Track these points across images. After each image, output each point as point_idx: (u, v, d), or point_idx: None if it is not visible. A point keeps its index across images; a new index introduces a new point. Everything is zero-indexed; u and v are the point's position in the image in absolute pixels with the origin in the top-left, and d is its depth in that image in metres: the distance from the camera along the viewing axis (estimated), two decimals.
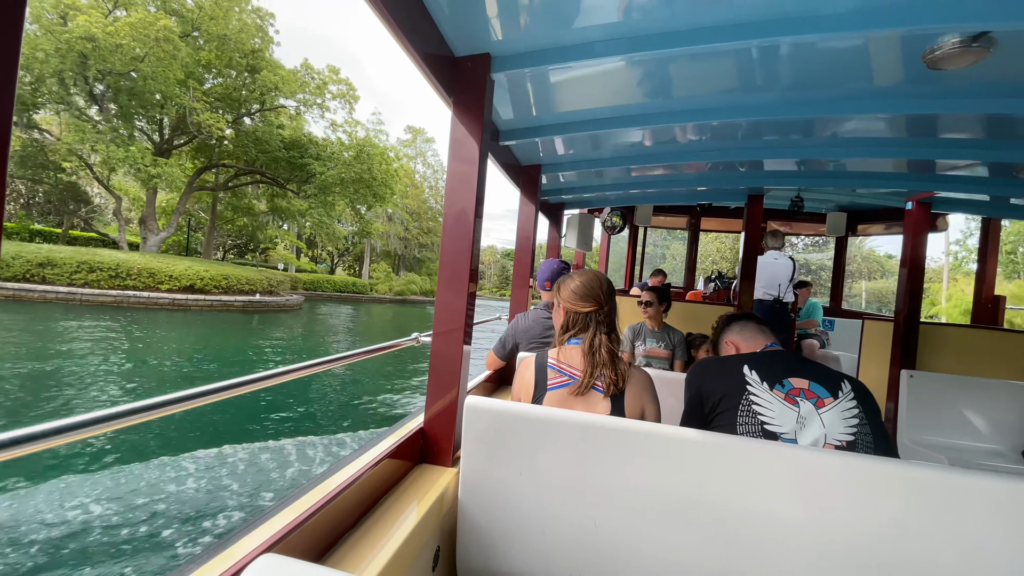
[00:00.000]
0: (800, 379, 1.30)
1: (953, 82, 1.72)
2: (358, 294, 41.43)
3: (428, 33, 1.47)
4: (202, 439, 6.77)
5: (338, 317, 26.11)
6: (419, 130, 59.95)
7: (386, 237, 51.67)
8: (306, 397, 9.43)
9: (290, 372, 1.30)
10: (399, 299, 45.47)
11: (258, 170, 29.39)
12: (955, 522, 1.00)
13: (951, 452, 2.98)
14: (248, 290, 23.46)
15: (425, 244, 57.00)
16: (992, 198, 3.39)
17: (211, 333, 15.66)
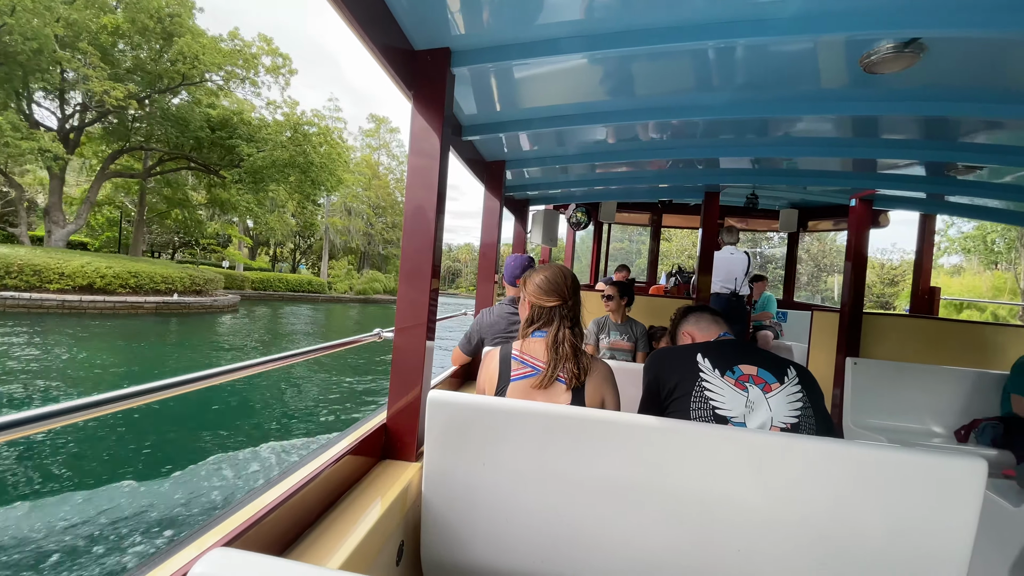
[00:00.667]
0: (749, 366, 1.36)
1: (890, 86, 1.83)
2: (314, 293, 38.90)
3: (386, 26, 1.45)
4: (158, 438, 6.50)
5: (273, 319, 23.62)
6: (383, 119, 56.98)
7: (347, 232, 48.79)
8: (263, 395, 9.18)
9: (247, 368, 1.27)
10: (360, 299, 42.77)
11: (186, 155, 25.96)
12: (894, 496, 1.08)
13: (892, 434, 3.18)
14: (164, 290, 20.66)
15: (391, 240, 54.08)
16: (928, 195, 3.62)
17: (79, 342, 12.46)
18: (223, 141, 25.59)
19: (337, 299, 40.35)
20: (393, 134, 56.87)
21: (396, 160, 57.38)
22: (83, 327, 14.85)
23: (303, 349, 1.56)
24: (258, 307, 28.32)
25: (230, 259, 37.79)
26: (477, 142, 2.88)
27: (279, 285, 36.49)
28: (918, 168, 2.96)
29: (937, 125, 2.25)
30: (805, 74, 1.83)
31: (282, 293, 36.13)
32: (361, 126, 57.81)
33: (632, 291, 3.63)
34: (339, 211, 47.65)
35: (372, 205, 52.23)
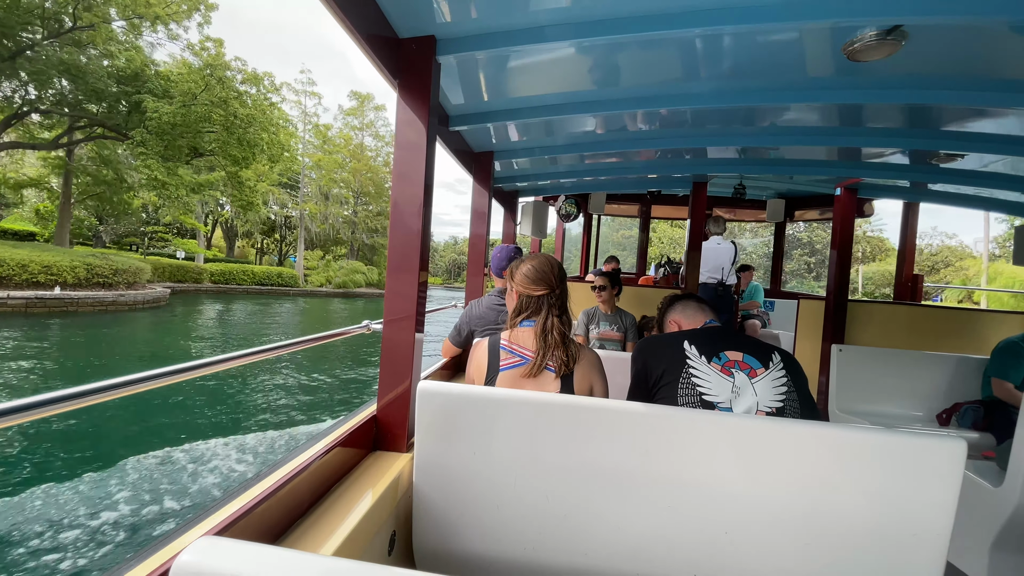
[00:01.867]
0: (735, 352, 1.38)
1: (874, 74, 1.85)
2: (285, 287, 34.92)
3: (370, 13, 1.43)
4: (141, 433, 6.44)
5: (208, 319, 19.61)
6: (366, 96, 50.58)
7: (324, 220, 44.14)
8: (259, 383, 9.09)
9: (236, 358, 1.26)
10: (339, 293, 38.02)
11: (97, 119, 21.09)
12: (876, 478, 1.10)
13: (875, 418, 3.24)
14: (44, 282, 16.61)
15: (377, 229, 48.96)
16: (912, 184, 3.67)
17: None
18: (131, 96, 20.76)
19: (311, 293, 36.41)
20: (379, 112, 51.39)
21: (383, 142, 51.68)
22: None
23: (292, 340, 1.55)
24: (204, 304, 24.62)
25: (183, 249, 33.25)
26: (465, 132, 2.86)
27: (243, 278, 32.99)
28: (902, 156, 3.00)
29: (920, 113, 2.27)
30: (791, 62, 1.83)
31: (246, 287, 32.70)
32: (341, 104, 53.12)
33: (621, 281, 3.65)
34: (317, 197, 43.79)
35: (355, 191, 47.96)
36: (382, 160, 49.88)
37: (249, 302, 27.38)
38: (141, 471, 5.34)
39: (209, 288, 30.89)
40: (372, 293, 40.34)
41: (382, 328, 1.68)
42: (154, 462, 5.59)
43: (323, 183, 43.60)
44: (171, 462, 5.64)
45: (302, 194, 42.54)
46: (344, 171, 45.79)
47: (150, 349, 13.00)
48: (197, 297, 27.92)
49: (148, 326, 16.58)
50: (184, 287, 28.66)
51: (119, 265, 19.79)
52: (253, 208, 29.30)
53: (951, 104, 2.01)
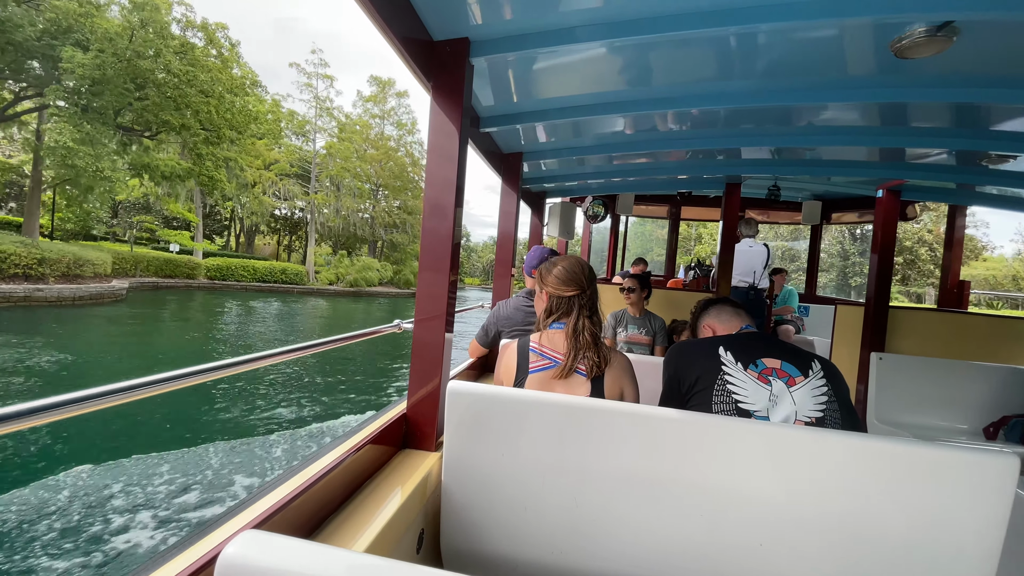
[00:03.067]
0: (773, 359, 1.34)
1: (920, 71, 1.77)
2: (289, 284, 32.54)
3: (405, 16, 1.45)
4: (174, 430, 6.68)
5: (165, 324, 16.65)
6: (387, 81, 47.01)
7: (335, 213, 40.81)
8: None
9: (268, 357, 1.30)
10: (349, 291, 35.30)
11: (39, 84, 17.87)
12: (922, 493, 1.05)
13: (917, 430, 3.11)
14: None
15: (397, 223, 45.81)
16: (958, 186, 3.51)
17: None
18: (55, 51, 17.33)
19: (319, 291, 33.80)
20: (401, 99, 47.91)
21: (405, 130, 47.49)
22: None
23: (325, 339, 1.58)
24: (171, 304, 21.52)
25: (176, 241, 30.55)
26: (494, 134, 2.87)
27: (243, 274, 30.75)
28: (948, 157, 2.87)
29: (969, 112, 2.17)
30: (831, 60, 1.78)
31: (245, 284, 30.32)
32: (360, 90, 48.29)
33: (651, 284, 3.60)
34: (328, 187, 40.46)
35: (373, 182, 44.43)
36: (404, 151, 47.12)
37: (237, 301, 24.76)
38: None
39: (203, 285, 28.76)
40: (387, 292, 38.10)
41: (412, 327, 1.70)
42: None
43: (334, 172, 40.24)
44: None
45: (313, 185, 40.22)
46: (359, 160, 42.61)
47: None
48: (188, 293, 25.77)
49: (71, 333, 13.27)
50: (171, 283, 26.73)
51: (50, 255, 17.25)
52: (218, 187, 25.63)
53: (1002, 103, 1.91)
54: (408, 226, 46.37)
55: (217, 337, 15.25)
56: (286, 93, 41.68)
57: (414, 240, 45.65)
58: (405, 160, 45.92)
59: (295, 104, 46.34)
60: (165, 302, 22.02)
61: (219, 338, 15.16)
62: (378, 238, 45.83)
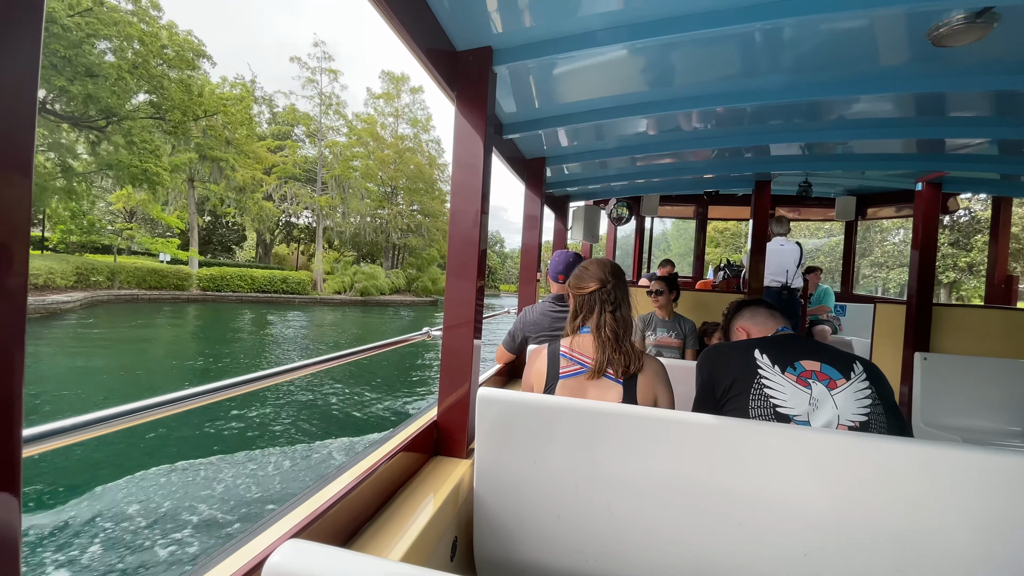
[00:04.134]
0: (812, 361, 1.30)
1: (959, 59, 1.70)
2: (290, 294, 30.42)
3: (429, 28, 1.48)
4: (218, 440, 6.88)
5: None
6: (402, 77, 44.14)
7: (342, 216, 38.12)
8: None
9: (300, 368, 1.32)
10: (357, 300, 33.48)
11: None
12: (969, 499, 1.01)
13: (966, 433, 2.96)
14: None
15: (412, 227, 43.16)
16: (1002, 176, 3.35)
17: None
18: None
19: (323, 301, 31.75)
20: (416, 95, 44.79)
21: (420, 127, 44.30)
22: None
23: (355, 349, 1.61)
24: (129, 320, 18.11)
25: (164, 251, 27.40)
26: (517, 140, 2.88)
27: (240, 284, 28.96)
28: (990, 147, 2.75)
29: (1011, 100, 2.08)
30: (863, 51, 1.72)
31: (242, 295, 28.49)
32: (369, 87, 45.85)
33: (679, 285, 3.54)
34: (334, 190, 37.53)
35: (386, 183, 41.48)
36: (420, 151, 44.34)
37: (241, 311, 23.03)
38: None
39: (193, 297, 26.77)
40: (401, 301, 35.93)
41: (441, 335, 1.72)
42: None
43: (338, 172, 37.29)
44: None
45: (319, 187, 37.45)
46: (368, 160, 39.94)
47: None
48: (170, 307, 23.67)
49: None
50: (154, 295, 24.85)
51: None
52: (152, 182, 22.40)
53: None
54: (424, 230, 44.19)
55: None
56: (288, 90, 38.26)
57: (431, 244, 44.13)
58: (420, 159, 43.46)
59: (299, 103, 42.02)
60: (111, 317, 18.67)
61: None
62: (391, 243, 43.18)
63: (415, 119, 44.66)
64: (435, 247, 44.50)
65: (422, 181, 43.15)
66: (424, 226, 44.07)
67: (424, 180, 43.29)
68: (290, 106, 41.65)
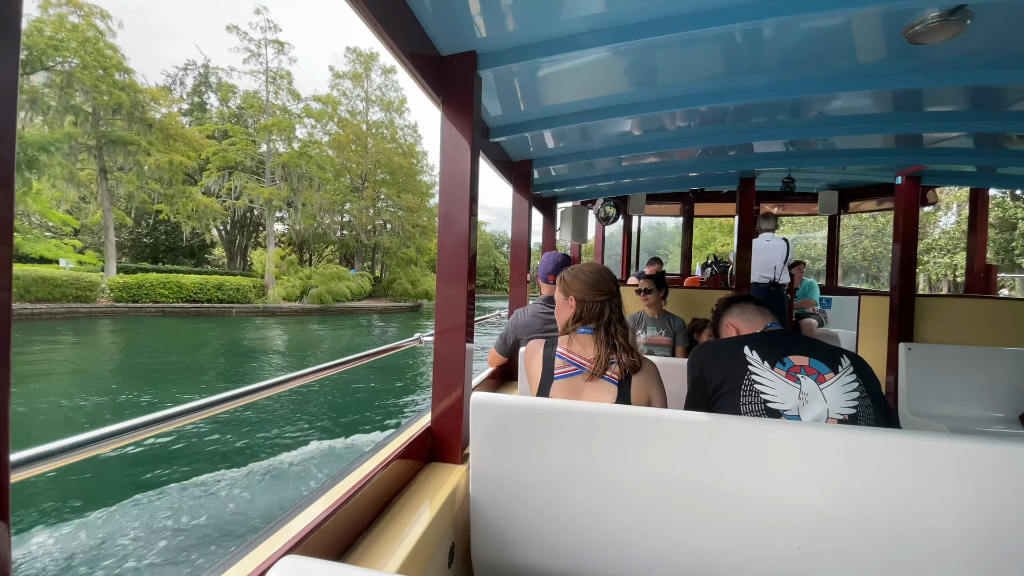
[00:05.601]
0: (800, 356, 1.32)
1: (934, 56, 1.74)
2: (227, 304, 25.74)
3: (413, 33, 1.47)
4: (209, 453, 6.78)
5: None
6: (371, 55, 38.61)
7: (295, 210, 32.46)
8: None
9: (292, 380, 1.31)
10: (315, 309, 28.14)
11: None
12: (958, 487, 1.03)
13: (952, 421, 3.02)
14: None
15: (384, 225, 37.93)
16: (979, 168, 3.43)
17: None
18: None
19: (270, 311, 26.66)
20: (388, 76, 39.31)
21: (394, 110, 38.97)
22: None
23: (350, 357, 1.60)
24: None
25: (64, 256, 23.56)
26: (504, 143, 2.88)
27: (163, 293, 24.26)
28: (967, 140, 2.81)
29: (986, 94, 2.13)
30: (841, 49, 1.75)
31: (165, 306, 23.89)
32: (332, 66, 38.54)
33: (667, 283, 3.57)
34: (284, 179, 31.83)
35: (353, 175, 36.48)
36: (389, 134, 38.74)
37: (92, 339, 16.66)
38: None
39: (98, 310, 22.11)
40: (370, 308, 30.96)
41: (433, 340, 1.71)
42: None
43: (286, 159, 31.83)
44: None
45: (268, 177, 32.07)
46: (325, 147, 34.48)
47: None
48: (44, 325, 18.46)
49: None
50: (38, 310, 19.85)
51: None
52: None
53: (1021, 84, 1.87)
54: (399, 226, 38.79)
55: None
56: (228, 66, 33.58)
57: (407, 242, 39.11)
58: (389, 146, 38.32)
59: (244, 81, 36.39)
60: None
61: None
62: (357, 242, 37.33)
63: (386, 101, 39.59)
64: (414, 245, 39.77)
65: (395, 171, 38.32)
66: (399, 222, 39.12)
67: (396, 170, 38.42)
68: (225, 84, 35.60)
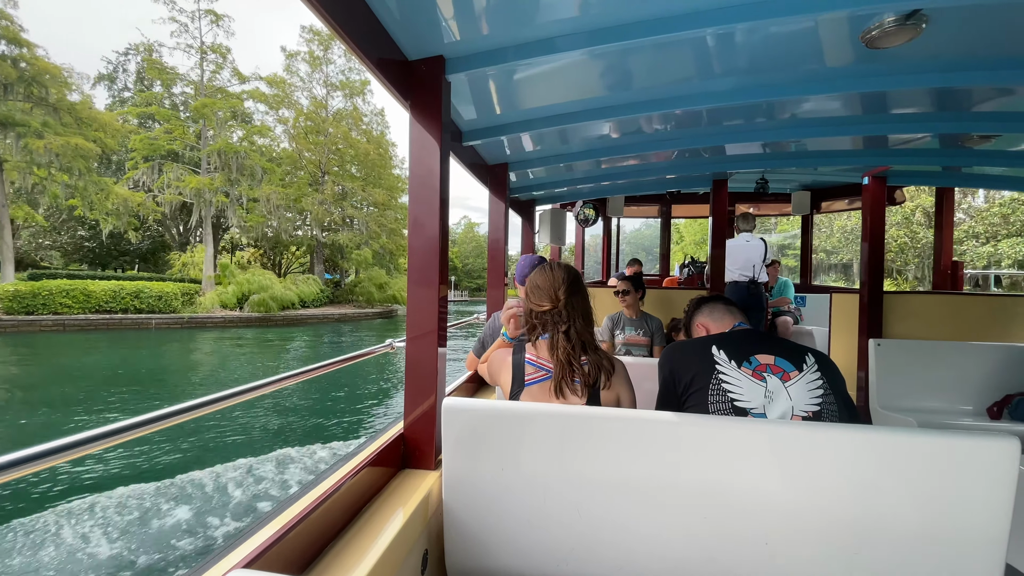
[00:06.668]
0: (766, 355, 1.34)
1: (895, 60, 1.79)
2: (147, 314, 22.01)
3: (378, 38, 1.46)
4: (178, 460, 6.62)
5: None
6: (331, 36, 25.09)
7: (234, 202, 28.25)
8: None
9: (261, 387, 1.28)
10: (255, 319, 24.34)
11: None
12: (925, 481, 1.05)
13: (921, 414, 3.10)
14: None
15: (343, 221, 33.81)
16: (944, 168, 3.53)
17: None
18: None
19: (197, 322, 23.14)
20: (353, 59, 29.31)
21: (354, 92, 35.18)
22: None
23: (319, 364, 1.57)
24: None
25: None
26: (478, 146, 2.87)
27: (66, 303, 20.58)
28: (932, 141, 2.89)
29: (947, 96, 2.19)
30: (808, 54, 1.79)
31: (67, 318, 20.32)
32: (284, 45, 35.15)
33: (644, 284, 3.60)
34: (220, 168, 27.75)
35: (310, 165, 32.63)
36: (351, 122, 34.71)
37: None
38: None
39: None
40: (325, 316, 27.51)
41: (405, 346, 1.69)
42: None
43: (220, 146, 27.54)
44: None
45: (205, 166, 28.10)
46: (270, 131, 30.28)
47: None
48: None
49: None
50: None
51: None
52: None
53: (980, 85, 1.93)
54: (360, 223, 34.64)
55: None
56: (156, 42, 29.82)
57: (369, 241, 34.61)
58: (356, 136, 34.43)
59: (174, 58, 31.25)
60: None
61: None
62: (316, 242, 33.35)
63: (346, 82, 35.41)
64: (376, 244, 35.10)
65: (360, 162, 34.87)
66: (358, 219, 34.95)
67: (361, 161, 34.90)
68: (148, 60, 30.75)
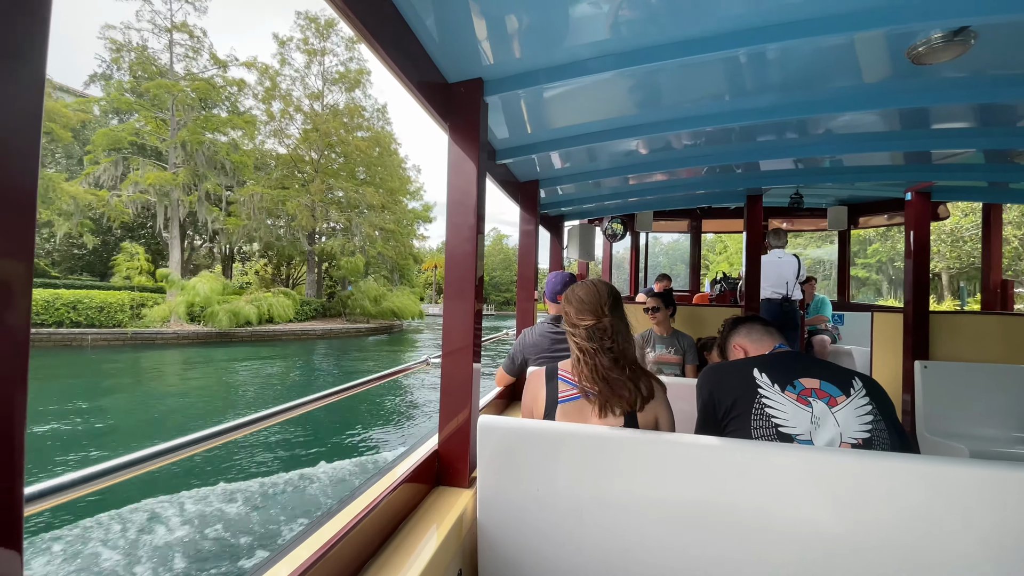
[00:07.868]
0: (811, 379, 1.30)
1: (939, 75, 1.74)
2: (85, 328, 19.09)
3: (420, 62, 1.51)
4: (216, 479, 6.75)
5: None
6: (328, 22, 30.53)
7: (201, 202, 25.12)
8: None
9: (302, 406, 1.31)
10: (214, 335, 21.47)
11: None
12: (979, 514, 1.00)
13: (971, 441, 2.94)
14: None
15: (331, 228, 31.05)
16: (990, 184, 3.40)
17: None
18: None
19: (144, 339, 20.07)
20: (353, 50, 31.71)
21: (352, 84, 31.77)
22: None
23: (355, 382, 1.60)
24: None
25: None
26: (511, 164, 2.91)
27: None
28: (977, 156, 2.79)
29: (993, 111, 2.12)
30: (846, 70, 1.76)
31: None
32: (276, 32, 32.54)
33: (674, 300, 3.55)
34: (186, 162, 25.01)
35: (297, 162, 29.61)
36: (349, 118, 31.13)
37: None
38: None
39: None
40: (307, 332, 24.43)
41: (440, 362, 1.71)
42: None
43: (186, 137, 24.71)
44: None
45: (172, 162, 25.20)
46: (251, 123, 27.52)
47: None
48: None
49: None
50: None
51: None
52: None
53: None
54: (356, 227, 30.64)
55: None
56: (122, 23, 26.92)
57: (364, 247, 31.13)
58: (357, 134, 31.24)
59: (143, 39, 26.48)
60: None
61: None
62: (294, 246, 29.73)
63: (349, 76, 32.10)
64: (372, 250, 31.86)
65: (354, 160, 31.29)
66: (353, 222, 30.83)
67: (358, 160, 31.47)
68: (112, 40, 26.22)
